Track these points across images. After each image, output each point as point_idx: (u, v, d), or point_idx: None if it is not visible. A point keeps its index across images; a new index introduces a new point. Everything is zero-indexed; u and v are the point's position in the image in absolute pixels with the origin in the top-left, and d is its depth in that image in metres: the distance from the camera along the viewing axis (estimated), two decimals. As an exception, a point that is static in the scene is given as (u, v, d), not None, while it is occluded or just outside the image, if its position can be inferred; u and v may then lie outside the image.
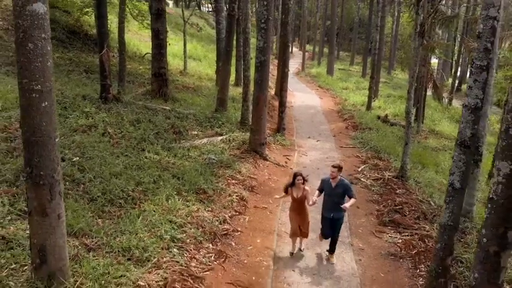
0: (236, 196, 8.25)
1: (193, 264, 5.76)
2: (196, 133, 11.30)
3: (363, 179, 10.33)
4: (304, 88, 26.24)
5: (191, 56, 22.80)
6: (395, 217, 8.25)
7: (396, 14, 36.96)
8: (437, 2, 11.04)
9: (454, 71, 34.22)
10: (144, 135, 9.67)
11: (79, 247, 5.36)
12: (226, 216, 7.41)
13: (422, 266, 6.64)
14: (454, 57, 33.26)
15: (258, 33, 11.14)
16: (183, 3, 40.25)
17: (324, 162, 11.34)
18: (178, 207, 6.99)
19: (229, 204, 7.89)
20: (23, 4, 3.89)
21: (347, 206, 6.32)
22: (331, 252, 6.76)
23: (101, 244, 5.56)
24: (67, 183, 6.67)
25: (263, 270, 6.24)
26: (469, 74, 5.56)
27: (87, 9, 16.24)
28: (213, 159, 9.63)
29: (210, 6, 46.26)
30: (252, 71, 12.60)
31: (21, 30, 3.93)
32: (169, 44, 15.27)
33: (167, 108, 12.20)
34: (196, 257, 5.95)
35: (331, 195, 6.52)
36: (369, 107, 19.76)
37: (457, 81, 32.46)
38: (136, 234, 5.93)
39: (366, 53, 31.98)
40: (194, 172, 8.55)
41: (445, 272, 5.68)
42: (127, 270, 5.13)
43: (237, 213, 7.77)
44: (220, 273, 5.85)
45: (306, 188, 6.59)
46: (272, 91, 20.59)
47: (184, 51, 19.77)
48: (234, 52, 15.80)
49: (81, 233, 5.67)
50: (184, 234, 6.30)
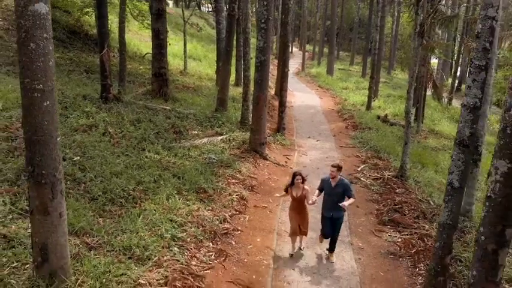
0: (236, 195, 8.29)
1: (193, 262, 5.79)
2: (196, 133, 11.34)
3: (362, 179, 10.36)
4: (304, 88, 26.27)
5: (191, 56, 22.83)
6: (394, 216, 8.28)
7: (396, 14, 36.98)
8: (437, 2, 11.07)
9: (453, 71, 34.24)
10: (144, 135, 9.70)
11: (80, 246, 5.38)
12: (227, 215, 7.45)
13: (422, 265, 6.67)
14: (454, 57, 33.27)
15: (258, 33, 11.17)
16: (183, 3, 40.29)
17: (324, 162, 11.37)
18: (179, 207, 7.02)
19: (230, 203, 7.93)
20: (25, 4, 3.92)
21: (345, 204, 6.35)
22: (331, 251, 6.79)
23: (102, 243, 5.59)
24: (68, 183, 6.69)
25: (263, 269, 6.27)
26: (468, 74, 5.58)
27: (88, 9, 16.27)
28: (213, 159, 9.66)
29: (210, 6, 46.27)
30: (252, 70, 12.63)
31: (23, 30, 3.96)
32: (169, 44, 15.30)
33: (167, 108, 12.23)
34: (197, 255, 5.99)
35: (331, 195, 6.55)
36: (368, 106, 19.78)
37: (457, 81, 32.46)
38: (137, 233, 5.96)
39: (365, 53, 32.00)
40: (194, 171, 8.58)
41: (444, 271, 5.71)
42: (128, 268, 5.16)
43: (237, 212, 7.80)
44: (221, 272, 5.88)
45: (305, 187, 6.62)
46: (272, 91, 20.62)
47: (185, 51, 19.80)
48: (234, 52, 15.82)
49: (82, 231, 5.69)
50: (184, 233, 6.34)
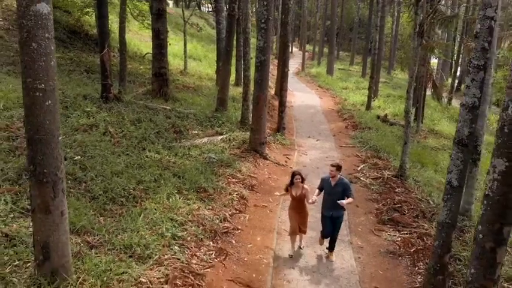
0: (236, 195, 8.32)
1: (194, 261, 5.82)
2: (196, 132, 11.36)
3: (362, 178, 10.40)
4: (304, 88, 26.30)
5: (191, 56, 22.86)
6: (394, 216, 8.31)
7: (396, 14, 37.01)
8: (437, 2, 11.12)
9: (453, 71, 34.28)
10: (145, 135, 9.73)
11: (81, 244, 5.42)
12: (227, 214, 7.48)
13: (421, 263, 6.70)
14: (454, 57, 33.30)
15: (258, 33, 11.20)
16: (183, 3, 40.32)
17: (324, 162, 11.40)
18: (179, 206, 7.05)
19: (230, 202, 7.96)
20: (27, 4, 3.94)
21: (344, 203, 6.38)
22: (331, 250, 6.83)
23: (103, 241, 5.62)
24: (69, 182, 6.72)
25: (263, 268, 6.30)
26: (466, 74, 5.60)
27: (88, 9, 16.29)
28: (214, 158, 9.69)
29: (210, 6, 46.29)
30: (252, 70, 12.66)
31: (25, 30, 3.98)
32: (169, 44, 15.32)
33: (168, 107, 12.26)
34: (197, 254, 6.02)
35: (331, 194, 6.58)
36: (368, 106, 19.81)
37: (457, 81, 32.48)
38: (138, 232, 5.99)
39: (365, 53, 32.02)
40: (195, 171, 8.61)
41: (443, 270, 5.73)
42: (129, 267, 5.19)
43: (237, 211, 7.83)
44: (221, 271, 5.92)
45: (305, 187, 6.65)
46: (272, 91, 20.64)
47: (185, 51, 19.83)
48: (234, 52, 15.85)
49: (83, 230, 5.72)
50: (185, 232, 6.37)
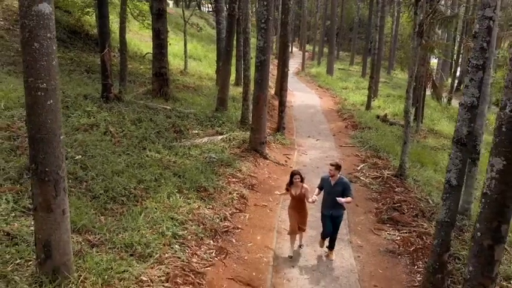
0: (236, 194, 8.35)
1: (194, 260, 5.85)
2: (197, 132, 11.40)
3: (362, 178, 10.43)
4: (304, 88, 26.34)
5: (191, 56, 22.88)
6: (393, 215, 8.34)
7: (396, 14, 37.06)
8: (436, 2, 11.15)
9: (453, 71, 34.30)
10: (145, 134, 9.76)
11: (82, 243, 5.44)
12: (227, 213, 7.51)
13: (420, 262, 6.73)
14: (454, 57, 33.32)
15: (258, 33, 11.23)
16: (183, 3, 40.36)
17: (324, 161, 11.42)
18: (180, 205, 7.08)
19: (230, 202, 7.99)
20: (29, 4, 3.97)
21: (342, 200, 6.40)
22: (331, 249, 6.85)
23: (103, 240, 5.65)
24: (70, 181, 6.74)
25: (263, 266, 6.34)
26: (465, 73, 5.64)
27: (88, 9, 16.31)
28: (214, 158, 9.72)
29: (210, 6, 46.32)
30: (252, 70, 12.69)
31: (27, 30, 4.01)
32: (169, 44, 15.35)
33: (168, 107, 12.29)
34: (198, 253, 6.05)
35: (331, 193, 6.60)
36: (368, 106, 19.84)
37: (457, 81, 32.49)
38: (139, 230, 6.01)
39: (365, 52, 32.04)
40: (195, 170, 8.64)
41: (442, 268, 5.77)
42: (130, 265, 5.21)
43: (237, 210, 7.86)
44: (221, 269, 5.95)
45: (304, 186, 6.67)
46: (272, 91, 20.67)
47: (185, 51, 19.86)
48: (234, 52, 15.88)
49: (84, 229, 5.75)
50: (185, 231, 6.40)
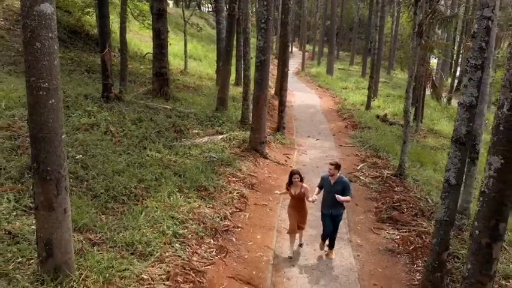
0: (237, 193, 8.38)
1: (195, 258, 5.88)
2: (197, 132, 11.43)
3: (361, 177, 10.46)
4: (304, 88, 26.37)
5: (191, 56, 22.91)
6: (393, 214, 8.37)
7: (396, 14, 37.03)
8: (435, 2, 11.17)
9: (453, 71, 34.31)
10: (145, 134, 9.79)
11: (83, 242, 5.48)
12: (227, 212, 7.55)
13: (420, 261, 6.76)
14: (454, 57, 33.33)
15: (258, 33, 11.26)
16: (183, 3, 40.38)
17: (324, 161, 11.45)
18: (180, 204, 7.12)
19: (230, 201, 8.03)
20: (31, 4, 4.01)
21: (341, 198, 6.42)
22: (330, 247, 6.88)
23: (104, 239, 5.68)
24: (71, 180, 6.78)
25: (263, 265, 6.37)
26: (464, 73, 5.68)
27: (89, 9, 16.33)
28: (214, 158, 9.76)
29: (210, 6, 46.35)
30: (252, 70, 12.72)
31: (29, 30, 4.05)
32: (170, 44, 15.38)
33: (168, 107, 12.32)
34: (198, 251, 6.08)
35: (331, 192, 6.62)
36: (368, 106, 19.86)
37: (456, 81, 32.50)
38: (139, 229, 6.05)
39: (365, 52, 32.06)
40: (195, 170, 8.67)
41: (441, 267, 5.80)
42: (130, 264, 5.25)
43: (237, 210, 7.90)
44: (222, 268, 5.98)
45: (303, 186, 6.69)
46: (272, 90, 20.71)
47: (185, 51, 19.89)
48: (234, 52, 15.90)
49: (85, 228, 5.79)
50: (186, 230, 6.44)
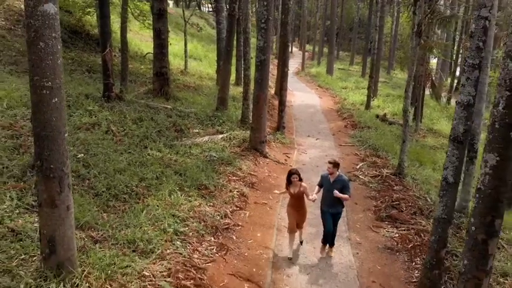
0: (237, 192, 8.45)
1: (195, 256, 5.95)
2: (197, 131, 11.49)
3: (361, 176, 10.52)
4: (303, 87, 26.43)
5: (192, 56, 22.96)
6: (392, 212, 8.43)
7: (395, 14, 37.12)
8: (434, 2, 11.23)
9: (452, 71, 34.36)
10: (146, 133, 9.86)
11: (86, 239, 5.54)
12: (228, 211, 7.62)
13: (418, 259, 6.82)
14: (453, 57, 33.39)
15: (258, 33, 11.32)
16: (184, 3, 40.46)
17: (323, 160, 11.46)
18: (181, 202, 7.19)
19: (230, 199, 8.10)
20: (34, 5, 4.06)
21: (340, 195, 6.47)
22: (330, 245, 6.95)
23: (106, 236, 5.75)
24: (73, 179, 6.78)
25: (263, 263, 6.43)
26: (462, 72, 5.74)
27: (89, 9, 16.37)
28: (214, 157, 9.82)
29: (210, 6, 46.41)
30: (252, 70, 12.78)
31: (32, 30, 4.10)
32: (170, 44, 15.44)
33: (169, 106, 12.38)
34: (199, 249, 6.15)
35: (330, 191, 6.67)
36: (368, 106, 19.92)
37: (456, 81, 32.56)
38: (141, 227, 6.12)
39: (365, 52, 32.11)
40: (196, 169, 8.74)
41: (440, 264, 5.86)
42: (132, 261, 5.31)
43: (237, 208, 7.97)
44: (222, 265, 6.05)
45: (303, 184, 6.73)
46: (272, 90, 20.76)
47: (185, 51, 19.94)
48: (234, 52, 15.95)
49: (87, 226, 5.85)
50: (187, 228, 6.50)
